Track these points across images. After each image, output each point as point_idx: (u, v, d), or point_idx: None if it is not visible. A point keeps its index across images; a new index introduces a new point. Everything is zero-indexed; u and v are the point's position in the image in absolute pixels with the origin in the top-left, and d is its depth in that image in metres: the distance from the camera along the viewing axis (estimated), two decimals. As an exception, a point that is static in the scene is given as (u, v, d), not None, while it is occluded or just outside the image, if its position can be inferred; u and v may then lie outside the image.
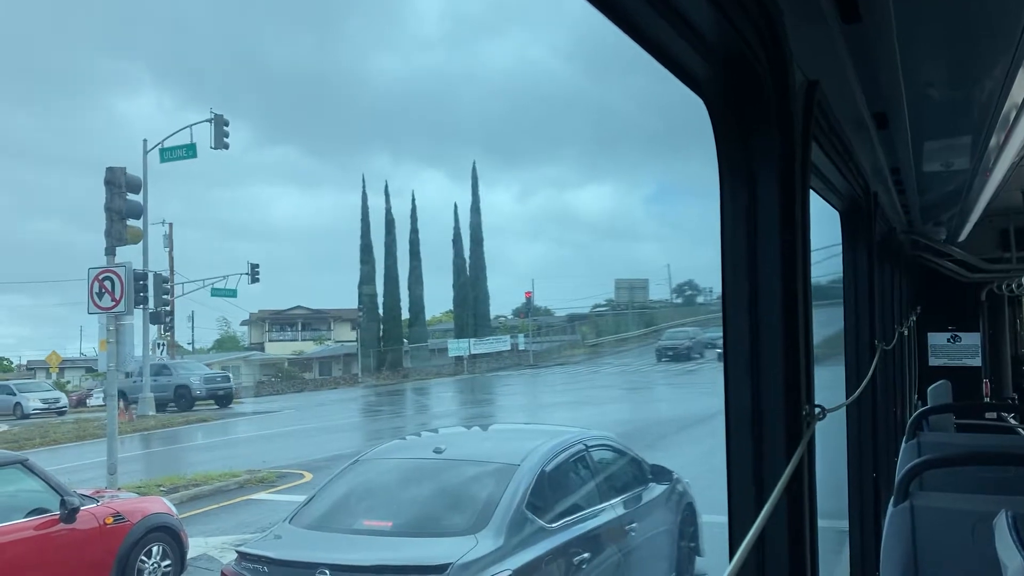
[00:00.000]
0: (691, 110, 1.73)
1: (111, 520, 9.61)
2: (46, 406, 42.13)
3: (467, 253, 60.80)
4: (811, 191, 2.08)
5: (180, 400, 40.78)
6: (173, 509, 10.79)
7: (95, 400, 47.02)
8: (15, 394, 43.09)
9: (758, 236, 1.74)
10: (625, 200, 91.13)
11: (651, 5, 1.27)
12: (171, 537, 10.31)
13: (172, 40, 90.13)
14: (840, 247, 4.26)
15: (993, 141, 3.28)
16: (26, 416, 40.57)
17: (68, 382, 58.13)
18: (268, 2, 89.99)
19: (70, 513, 9.14)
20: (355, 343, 60.80)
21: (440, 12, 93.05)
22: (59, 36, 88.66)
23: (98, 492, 10.83)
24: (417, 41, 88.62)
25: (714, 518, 9.64)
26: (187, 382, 41.35)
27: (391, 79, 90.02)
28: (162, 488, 16.51)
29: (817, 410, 1.85)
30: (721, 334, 1.84)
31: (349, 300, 62.75)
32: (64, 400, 44.17)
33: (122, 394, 41.19)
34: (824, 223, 3.95)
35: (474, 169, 61.89)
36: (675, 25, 1.36)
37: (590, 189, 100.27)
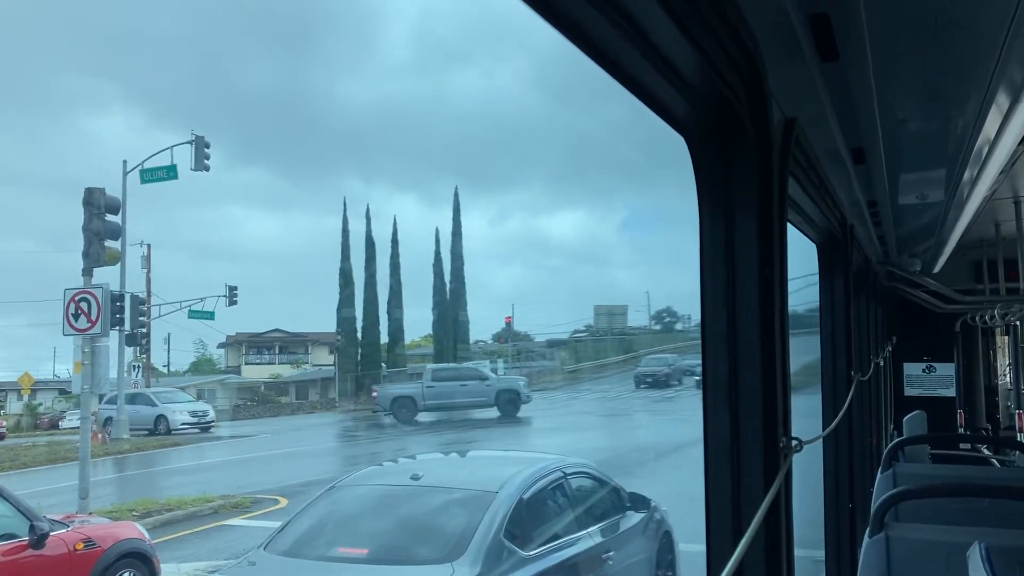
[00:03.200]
0: (666, 138, 1.76)
1: (81, 546, 9.45)
2: (195, 420, 36.99)
3: (447, 277, 60.79)
4: (788, 224, 2.11)
5: (507, 405, 37.02)
6: (146, 534, 10.62)
7: (68, 423, 46.06)
8: (156, 405, 37.50)
9: (736, 270, 1.77)
10: (600, 226, 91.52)
11: (635, 47, 1.29)
12: (143, 563, 10.14)
13: (143, 59, 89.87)
14: (817, 277, 4.30)
15: (967, 175, 3.34)
16: (170, 432, 35.82)
17: (40, 404, 57.29)
18: (239, 24, 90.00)
19: (39, 539, 8.98)
20: (333, 367, 60.39)
21: (411, 37, 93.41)
22: (26, 52, 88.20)
23: (69, 517, 10.66)
24: (388, 66, 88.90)
25: (691, 547, 9.62)
26: (516, 387, 38.02)
27: (362, 103, 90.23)
28: (134, 513, 16.26)
29: (794, 442, 1.87)
30: (700, 361, 1.86)
31: (327, 324, 62.39)
32: (212, 414, 38.84)
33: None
34: (801, 255, 4.00)
35: (456, 195, 62.12)
36: (657, 67, 1.39)
37: (564, 214, 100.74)
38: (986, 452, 7.32)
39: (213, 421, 38.30)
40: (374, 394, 39.89)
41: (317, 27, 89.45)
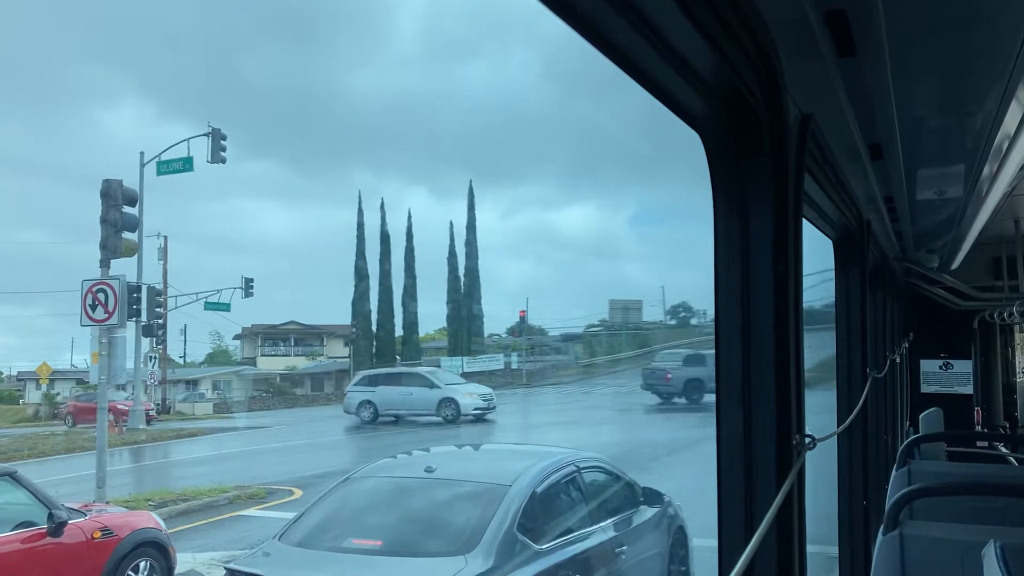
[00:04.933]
0: (677, 132, 1.76)
1: (99, 534, 9.54)
2: (485, 404, 31.36)
3: (461, 271, 60.92)
4: (804, 220, 2.11)
5: None
6: (162, 524, 10.71)
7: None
8: (439, 387, 31.83)
9: (751, 267, 1.77)
10: (611, 220, 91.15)
11: (650, 45, 1.29)
12: (159, 552, 10.23)
13: (153, 51, 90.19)
14: (833, 273, 4.28)
15: (986, 170, 3.31)
16: (457, 420, 30.38)
17: (58, 393, 57.82)
18: (248, 17, 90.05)
19: (57, 527, 9.07)
20: (348, 359, 60.65)
21: (420, 30, 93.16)
22: (38, 44, 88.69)
23: (86, 506, 10.75)
24: (397, 58, 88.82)
25: (705, 542, 9.61)
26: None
27: (371, 96, 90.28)
28: (151, 502, 16.38)
29: (807, 439, 1.86)
30: (714, 356, 1.86)
31: (342, 316, 62.62)
32: (495, 399, 32.64)
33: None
34: (817, 250, 3.98)
35: (471, 189, 62.18)
36: (674, 65, 1.39)
37: (574, 208, 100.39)
38: (1003, 450, 7.25)
39: (495, 406, 32.44)
40: (668, 376, 39.28)
41: (325, 20, 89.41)
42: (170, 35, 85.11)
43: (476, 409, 31.53)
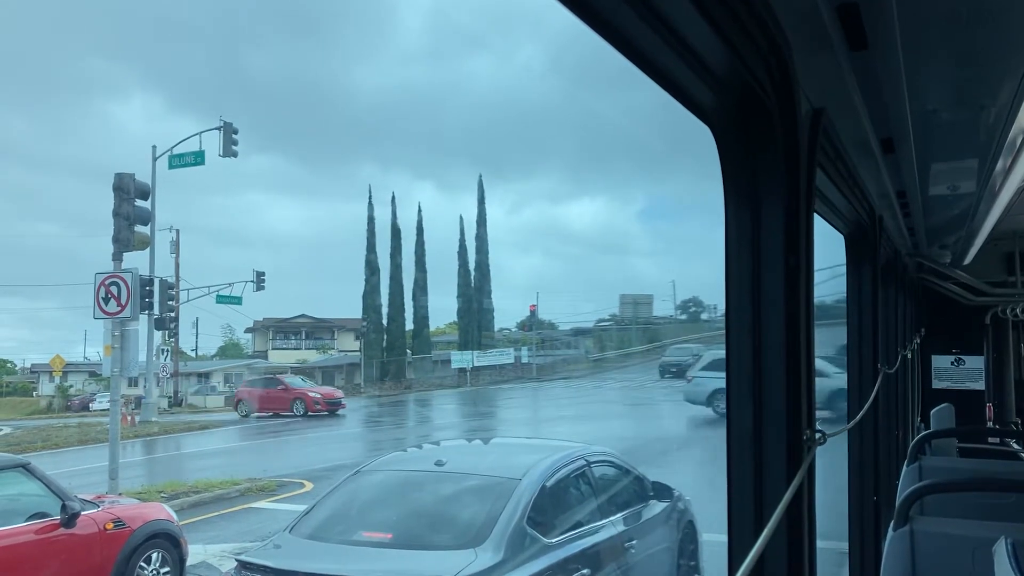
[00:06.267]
0: (686, 125, 1.76)
1: (111, 526, 9.61)
2: None
3: (472, 265, 60.92)
4: (816, 215, 2.10)
5: None
6: (174, 516, 10.77)
7: (98, 405, 46.63)
8: (826, 375, 21.96)
9: (762, 261, 1.76)
10: (620, 214, 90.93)
11: (661, 38, 1.29)
12: (171, 544, 10.29)
13: (160, 45, 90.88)
14: (844, 268, 4.27)
15: (999, 165, 3.29)
16: None
17: (71, 386, 58.21)
18: (254, 11, 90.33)
19: (70, 518, 9.14)
20: (358, 353, 60.77)
21: (426, 23, 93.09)
22: (46, 37, 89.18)
23: (99, 497, 10.82)
24: (403, 52, 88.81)
25: (714, 537, 9.61)
26: None
27: (377, 90, 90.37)
28: (163, 494, 16.49)
29: (818, 435, 1.86)
30: (724, 351, 1.85)
31: (353, 310, 62.77)
32: None
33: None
34: (829, 245, 3.97)
35: (480, 182, 62.20)
36: (685, 59, 1.39)
37: (583, 203, 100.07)
38: (1015, 447, 7.22)
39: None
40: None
41: (331, 15, 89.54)
42: (176, 29, 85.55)
43: None
